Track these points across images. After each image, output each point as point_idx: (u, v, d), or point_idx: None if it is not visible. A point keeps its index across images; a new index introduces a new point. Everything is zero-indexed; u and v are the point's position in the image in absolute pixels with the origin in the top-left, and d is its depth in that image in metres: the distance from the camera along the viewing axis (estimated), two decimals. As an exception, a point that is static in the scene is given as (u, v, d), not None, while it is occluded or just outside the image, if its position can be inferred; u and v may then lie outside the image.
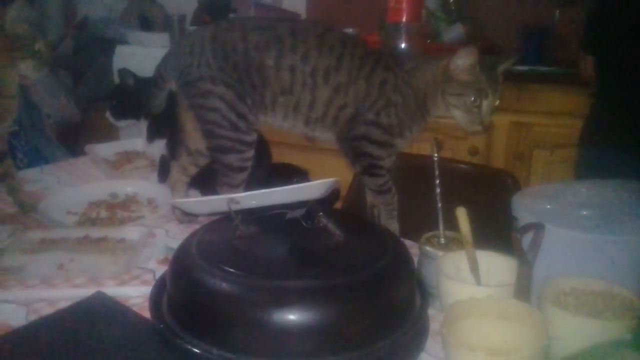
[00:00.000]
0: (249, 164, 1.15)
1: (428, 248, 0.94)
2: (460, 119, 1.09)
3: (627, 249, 0.83)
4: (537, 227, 0.78)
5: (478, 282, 0.87)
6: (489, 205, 1.28)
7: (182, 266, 0.83)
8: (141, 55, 2.60)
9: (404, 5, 2.26)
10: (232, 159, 1.13)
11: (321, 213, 0.86)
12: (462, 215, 0.89)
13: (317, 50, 1.09)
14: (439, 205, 0.99)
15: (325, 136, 1.18)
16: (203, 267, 0.79)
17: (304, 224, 0.85)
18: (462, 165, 1.52)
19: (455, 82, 1.06)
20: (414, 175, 1.14)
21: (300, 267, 0.81)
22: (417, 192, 1.11)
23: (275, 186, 0.90)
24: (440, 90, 1.08)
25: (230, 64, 1.10)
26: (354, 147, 1.13)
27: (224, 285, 0.76)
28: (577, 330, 0.72)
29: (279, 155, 1.65)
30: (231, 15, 2.76)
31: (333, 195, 1.58)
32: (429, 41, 2.43)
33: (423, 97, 1.10)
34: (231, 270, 0.77)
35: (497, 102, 1.08)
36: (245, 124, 1.12)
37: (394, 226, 1.15)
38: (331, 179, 0.93)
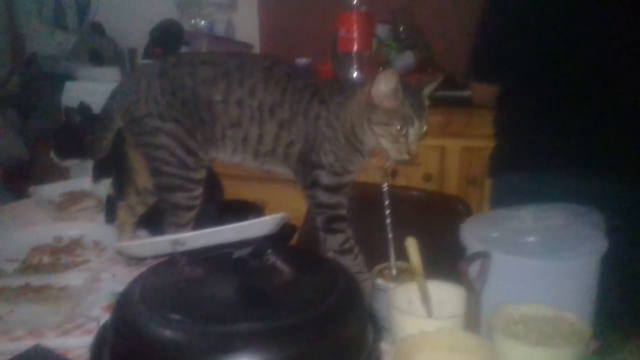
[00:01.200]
0: (197, 202, 1.12)
1: (379, 281, 0.93)
2: (386, 147, 1.04)
3: (572, 273, 0.84)
4: (484, 256, 0.78)
5: (430, 313, 0.86)
6: (442, 231, 1.28)
7: (124, 314, 0.79)
8: (91, 90, 2.54)
9: (354, 34, 2.29)
10: (180, 197, 1.11)
11: (269, 250, 0.84)
12: (412, 246, 0.88)
13: (263, 84, 1.08)
14: (390, 236, 0.99)
15: (278, 170, 1.15)
16: (146, 314, 0.75)
17: (252, 262, 0.83)
18: (414, 192, 1.53)
19: (381, 110, 1.01)
20: (365, 205, 1.13)
21: (248, 309, 0.79)
22: (369, 222, 1.11)
23: (228, 224, 0.88)
24: (366, 119, 1.03)
25: (178, 100, 1.09)
26: (311, 195, 1.09)
27: (168, 333, 0.72)
28: (527, 358, 0.72)
29: (234, 189, 1.62)
30: (183, 47, 2.75)
31: (288, 230, 1.57)
32: (380, 69, 2.46)
33: (351, 127, 1.06)
34: (176, 316, 0.74)
35: (425, 129, 1.03)
36: (194, 161, 1.10)
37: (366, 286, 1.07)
38: (280, 214, 0.91)
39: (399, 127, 1.01)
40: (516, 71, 1.49)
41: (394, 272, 0.96)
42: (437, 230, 1.29)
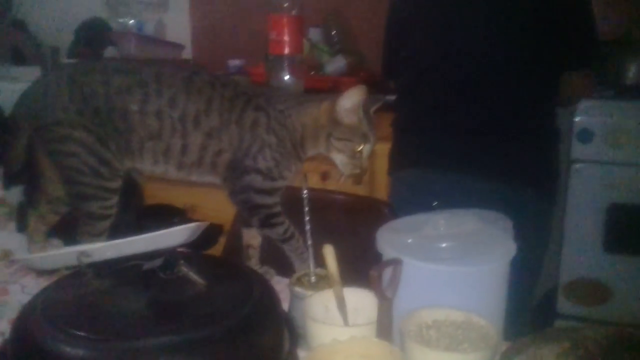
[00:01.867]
0: (112, 211, 1.09)
1: (297, 288, 0.92)
2: (341, 163, 1.08)
3: (483, 279, 0.85)
4: (395, 263, 0.79)
5: (345, 321, 0.87)
6: (366, 236, 1.29)
7: (24, 329, 0.75)
8: (11, 90, 2.42)
9: (286, 37, 2.28)
10: (93, 206, 1.06)
11: (181, 261, 0.82)
12: (329, 253, 0.88)
13: (184, 94, 1.05)
14: (309, 242, 0.99)
15: (205, 179, 1.13)
16: (48, 329, 0.72)
17: (162, 275, 0.81)
18: (339, 196, 1.53)
19: (343, 126, 1.05)
20: (287, 210, 1.13)
21: (158, 322, 0.76)
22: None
23: (148, 230, 0.85)
24: (326, 134, 1.07)
25: (90, 108, 1.05)
26: (244, 200, 1.09)
27: (72, 350, 0.69)
28: (437, 364, 0.73)
29: (160, 192, 1.58)
30: (110, 47, 2.66)
31: (213, 232, 1.54)
32: (312, 73, 2.47)
33: (300, 138, 1.09)
34: (80, 332, 0.70)
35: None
36: (108, 170, 1.07)
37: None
38: (195, 223, 0.89)
39: (358, 144, 1.05)
40: (407, 73, 1.58)
41: (312, 279, 0.95)
42: (361, 235, 1.30)
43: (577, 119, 1.90)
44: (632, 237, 1.93)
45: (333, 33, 2.71)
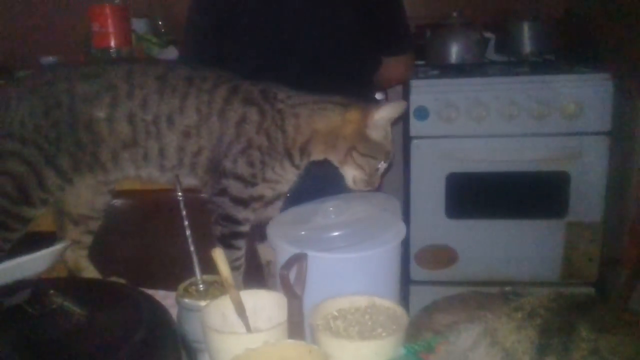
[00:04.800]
0: (7, 246, 0.94)
1: (187, 300, 0.84)
2: (354, 179, 0.99)
3: (378, 262, 0.86)
4: (300, 258, 0.75)
5: (247, 327, 0.81)
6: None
7: None
8: None
9: (110, 29, 2.10)
10: None
11: (52, 291, 0.69)
12: (219, 256, 0.81)
13: (157, 94, 0.94)
14: (192, 248, 0.91)
15: (188, 182, 1.01)
16: None
17: (31, 310, 0.68)
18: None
19: (370, 142, 0.95)
20: (161, 215, 1.03)
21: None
22: (169, 234, 1.01)
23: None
24: (347, 147, 0.96)
25: (49, 122, 0.92)
26: (218, 205, 0.98)
27: None
28: (354, 355, 0.71)
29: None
30: None
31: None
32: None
33: (303, 144, 0.97)
34: None
35: None
36: (39, 194, 0.94)
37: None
38: (59, 245, 0.77)
39: (382, 162, 0.97)
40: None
41: (201, 287, 0.88)
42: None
43: (412, 98, 2.02)
44: (470, 203, 2.11)
45: (160, 23, 2.56)
